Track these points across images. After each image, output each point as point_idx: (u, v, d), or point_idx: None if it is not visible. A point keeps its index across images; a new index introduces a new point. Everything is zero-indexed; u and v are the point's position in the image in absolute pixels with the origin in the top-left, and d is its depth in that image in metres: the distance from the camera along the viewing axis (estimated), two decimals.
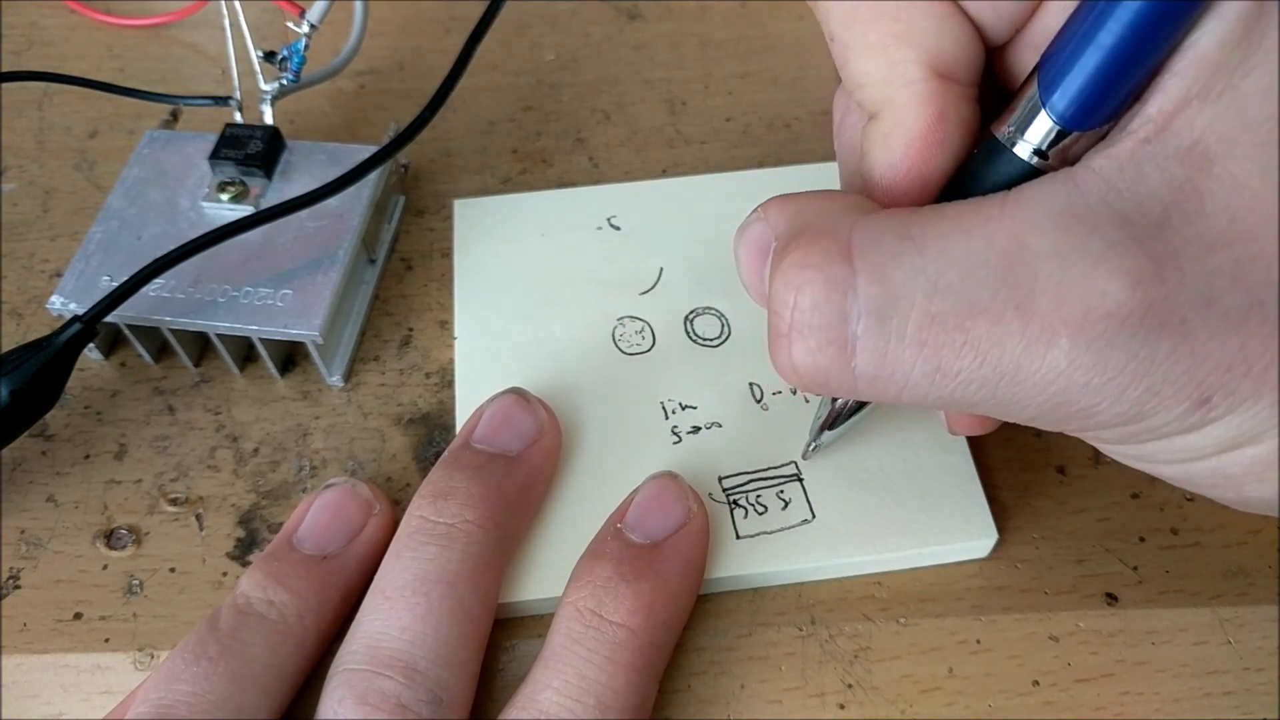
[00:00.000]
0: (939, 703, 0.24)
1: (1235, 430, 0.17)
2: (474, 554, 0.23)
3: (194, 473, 0.27)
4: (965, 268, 0.17)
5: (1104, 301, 0.17)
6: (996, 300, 0.17)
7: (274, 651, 0.22)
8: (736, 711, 0.24)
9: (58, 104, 0.36)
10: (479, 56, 0.32)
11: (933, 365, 0.18)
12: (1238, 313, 0.16)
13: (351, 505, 0.25)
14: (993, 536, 0.25)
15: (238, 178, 0.30)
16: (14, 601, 0.25)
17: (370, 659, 0.21)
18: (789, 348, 0.19)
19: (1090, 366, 0.17)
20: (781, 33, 0.38)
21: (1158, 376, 0.17)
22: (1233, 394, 0.17)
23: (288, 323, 0.27)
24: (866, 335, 0.18)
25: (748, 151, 0.35)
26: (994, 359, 0.17)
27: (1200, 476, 0.19)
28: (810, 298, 0.18)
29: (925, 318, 0.17)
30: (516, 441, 0.25)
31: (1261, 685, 0.24)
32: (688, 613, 0.24)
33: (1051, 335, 0.17)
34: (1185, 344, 0.17)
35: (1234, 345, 0.16)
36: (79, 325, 0.26)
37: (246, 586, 0.23)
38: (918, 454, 0.26)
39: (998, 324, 0.17)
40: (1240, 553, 0.26)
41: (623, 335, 0.29)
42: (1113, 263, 0.17)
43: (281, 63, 0.31)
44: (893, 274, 0.18)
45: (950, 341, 0.17)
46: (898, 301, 0.18)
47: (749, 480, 0.26)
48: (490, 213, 0.32)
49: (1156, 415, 0.17)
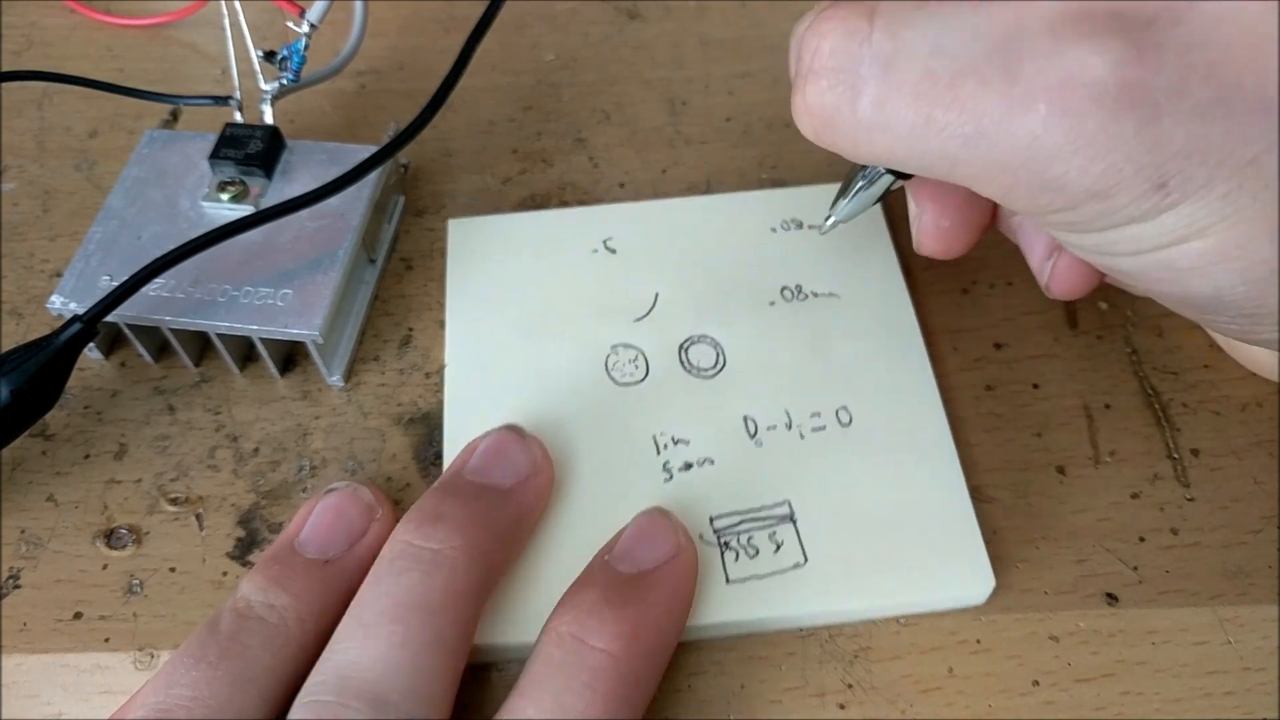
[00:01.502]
0: (939, 703, 0.24)
1: (1186, 220, 0.19)
2: (457, 583, 0.22)
3: (194, 473, 0.27)
4: (967, 35, 0.19)
5: (1084, 72, 0.18)
6: (988, 64, 0.19)
7: (274, 655, 0.22)
8: (736, 711, 0.24)
9: (58, 104, 0.36)
10: (479, 56, 0.32)
11: (923, 117, 0.20)
12: (1205, 105, 0.18)
13: (354, 509, 0.25)
14: (990, 584, 0.24)
15: (238, 177, 0.30)
16: (14, 601, 0.25)
17: (339, 689, 0.20)
18: (805, 87, 0.21)
19: (1062, 132, 0.18)
20: (781, 33, 0.38)
21: (1122, 154, 0.18)
22: (1189, 180, 0.18)
23: (288, 322, 0.27)
24: (873, 81, 0.20)
25: (748, 151, 0.35)
26: (976, 116, 0.19)
27: (1151, 269, 0.20)
28: (831, 43, 0.21)
29: (925, 73, 0.20)
30: (509, 477, 0.25)
31: (1261, 685, 0.24)
32: (671, 648, 0.23)
33: (1031, 99, 0.19)
34: (1152, 126, 0.18)
35: (1196, 133, 0.18)
36: (79, 325, 0.26)
37: (247, 590, 0.23)
38: (915, 493, 0.26)
39: (985, 85, 0.19)
40: (1240, 553, 0.26)
41: (616, 364, 0.28)
42: (1098, 41, 0.18)
43: (281, 63, 0.31)
44: (904, 33, 0.20)
45: (941, 97, 0.19)
46: (904, 56, 0.20)
47: (741, 520, 0.25)
48: (485, 233, 0.31)
49: (1117, 195, 0.19)
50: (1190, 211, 0.19)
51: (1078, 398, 0.29)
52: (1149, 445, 0.28)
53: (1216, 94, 0.18)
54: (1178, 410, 0.28)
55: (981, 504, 0.26)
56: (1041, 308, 0.30)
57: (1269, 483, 0.27)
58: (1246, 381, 0.29)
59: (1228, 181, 0.18)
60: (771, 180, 0.34)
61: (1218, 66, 0.18)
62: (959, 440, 0.27)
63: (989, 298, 0.31)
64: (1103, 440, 0.28)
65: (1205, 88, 0.18)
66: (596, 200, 0.33)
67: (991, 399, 0.29)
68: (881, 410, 0.27)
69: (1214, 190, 0.18)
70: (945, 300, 0.31)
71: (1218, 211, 0.18)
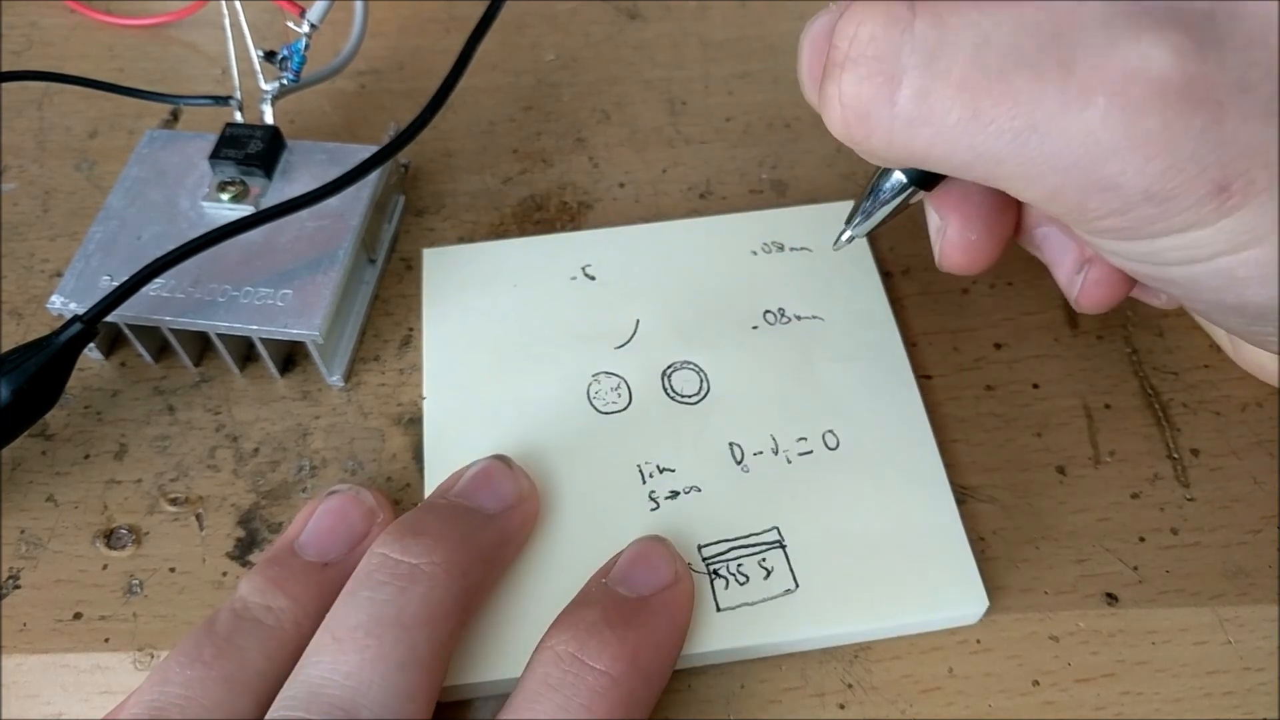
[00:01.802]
0: (939, 703, 0.24)
1: (1248, 225, 0.18)
2: (435, 599, 0.21)
3: (194, 473, 0.27)
4: (1018, 26, 0.18)
5: (1146, 66, 0.17)
6: (1043, 56, 0.18)
7: (269, 658, 0.22)
8: (736, 711, 0.24)
9: (58, 104, 0.36)
10: (479, 56, 0.32)
11: (970, 111, 0.19)
12: (1268, 103, 0.17)
13: (355, 512, 0.25)
14: (984, 604, 0.24)
15: (238, 178, 0.30)
16: (14, 601, 0.25)
17: (308, 705, 0.20)
18: (840, 77, 0.20)
19: (1121, 129, 0.17)
20: (781, 33, 0.38)
21: (1185, 152, 0.17)
22: (1252, 183, 0.17)
23: (288, 322, 0.27)
24: (914, 71, 0.19)
25: (748, 151, 0.35)
26: (1028, 110, 0.18)
27: (1204, 278, 0.19)
28: (870, 29, 0.19)
29: (972, 64, 0.18)
30: (494, 502, 0.24)
31: (1261, 685, 0.24)
32: (667, 676, 0.23)
33: (1089, 94, 0.18)
34: (1216, 124, 0.17)
35: (1261, 134, 0.17)
36: (79, 325, 0.26)
37: (246, 591, 0.23)
38: (905, 515, 0.25)
39: (1039, 78, 0.18)
40: (1240, 553, 0.26)
41: (598, 393, 0.28)
42: (1159, 34, 0.17)
43: (281, 63, 0.31)
44: (950, 20, 0.19)
45: (990, 89, 0.18)
46: (949, 46, 0.19)
47: (730, 548, 0.25)
48: (461, 263, 0.31)
49: (1176, 198, 0.18)
50: (1250, 218, 0.18)
51: (1078, 398, 0.29)
52: (1149, 445, 0.28)
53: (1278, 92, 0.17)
54: (1178, 410, 0.28)
55: (981, 504, 0.26)
56: (1041, 308, 0.30)
57: (1269, 483, 0.27)
58: (1246, 381, 0.29)
59: None
60: (771, 180, 0.34)
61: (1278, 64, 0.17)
62: (959, 441, 0.28)
63: (989, 298, 0.31)
64: (1103, 440, 0.28)
65: (1267, 85, 0.17)
66: (596, 200, 0.33)
67: (991, 399, 0.29)
68: (868, 432, 0.27)
69: (1276, 194, 0.17)
70: (945, 300, 0.31)
71: None
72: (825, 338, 0.29)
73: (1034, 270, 0.31)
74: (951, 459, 0.27)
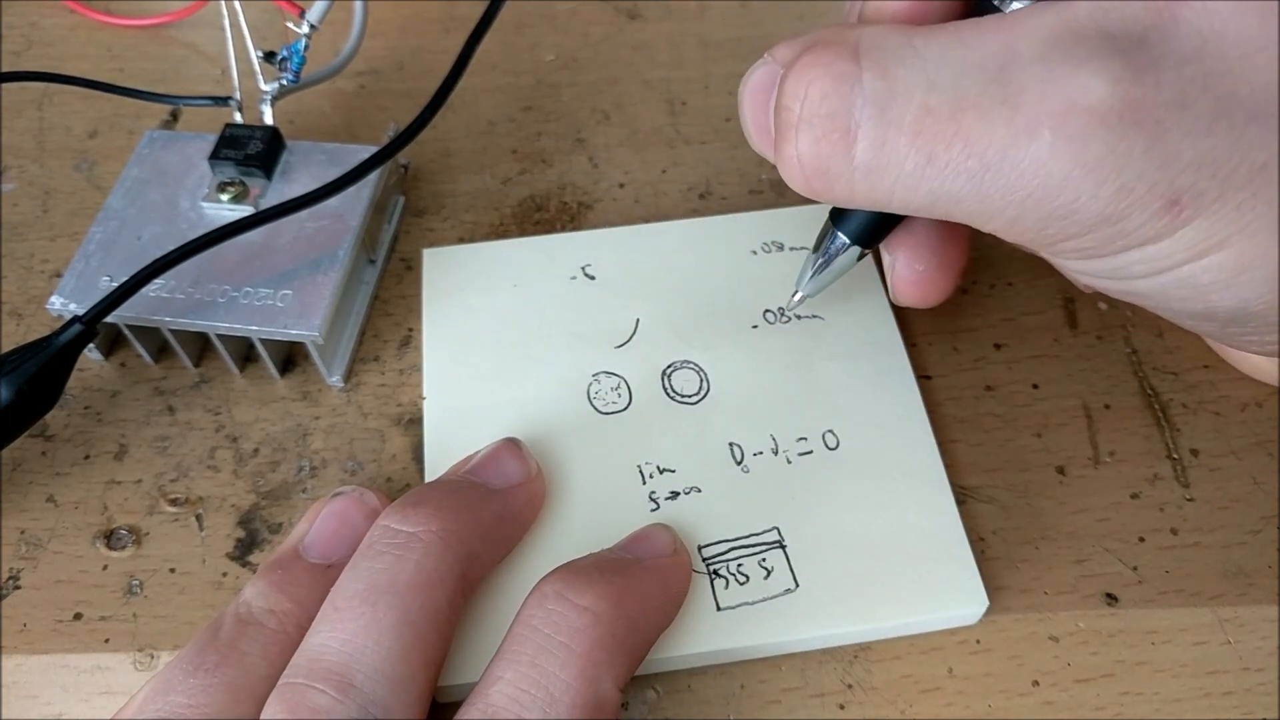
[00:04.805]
0: (939, 703, 0.24)
1: (1203, 234, 0.19)
2: (429, 566, 0.22)
3: (194, 473, 0.27)
4: (960, 69, 0.19)
5: (1086, 96, 0.18)
6: (986, 96, 0.19)
7: (271, 663, 0.22)
8: (736, 711, 0.24)
9: (58, 104, 0.36)
10: (479, 56, 0.32)
11: (925, 156, 0.19)
12: (1207, 117, 0.18)
13: (358, 514, 0.25)
14: (984, 603, 0.24)
15: (238, 178, 0.30)
16: (14, 601, 0.25)
17: (308, 671, 0.20)
18: (795, 138, 0.21)
19: (1070, 157, 0.18)
20: (781, 33, 0.38)
21: (1132, 173, 0.18)
22: (1201, 195, 0.18)
23: (288, 323, 0.27)
24: (868, 124, 0.20)
25: (747, 151, 0.35)
26: (980, 149, 0.19)
27: (1170, 288, 0.20)
28: (820, 89, 0.20)
29: (922, 110, 0.19)
30: (500, 479, 0.25)
31: (1261, 685, 0.24)
32: (654, 633, 0.23)
33: (1035, 127, 0.18)
34: (1159, 142, 0.18)
35: (1203, 146, 0.18)
36: (79, 325, 0.26)
37: (250, 595, 0.23)
38: (905, 515, 0.25)
39: (985, 117, 0.19)
40: (1240, 553, 0.26)
41: (598, 393, 0.28)
42: (1095, 64, 0.18)
43: (281, 63, 0.31)
44: (895, 71, 0.19)
45: (942, 132, 0.19)
46: (898, 95, 0.19)
47: (730, 548, 0.25)
48: (460, 263, 0.30)
49: (1130, 216, 0.19)
50: (1206, 225, 0.18)
51: (1077, 398, 0.29)
52: (1149, 445, 0.28)
53: (1216, 105, 0.18)
54: (1177, 410, 0.28)
55: (981, 504, 0.26)
56: (1041, 308, 0.30)
57: (1269, 483, 0.27)
58: (1246, 382, 0.29)
59: (1240, 191, 0.18)
60: (771, 181, 0.34)
61: (1213, 78, 0.18)
62: (959, 441, 0.28)
63: (989, 298, 0.31)
64: (1102, 440, 0.28)
65: (1205, 100, 0.18)
66: (596, 200, 0.33)
67: (991, 399, 0.29)
68: (868, 432, 0.27)
69: (1228, 201, 0.18)
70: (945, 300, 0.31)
71: (1234, 222, 0.18)
72: (825, 337, 0.29)
73: (1034, 270, 0.31)
74: (951, 459, 0.27)
